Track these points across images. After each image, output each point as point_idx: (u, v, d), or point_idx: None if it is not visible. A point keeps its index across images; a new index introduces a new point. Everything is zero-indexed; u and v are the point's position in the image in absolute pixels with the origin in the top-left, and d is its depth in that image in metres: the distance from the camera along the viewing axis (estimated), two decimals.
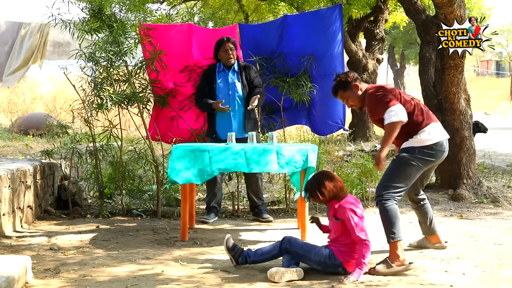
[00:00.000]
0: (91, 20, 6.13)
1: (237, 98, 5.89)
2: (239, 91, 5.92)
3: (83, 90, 6.24)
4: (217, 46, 5.94)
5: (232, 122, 5.86)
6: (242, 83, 5.93)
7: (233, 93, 5.89)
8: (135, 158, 6.33)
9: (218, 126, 5.89)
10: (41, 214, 6.10)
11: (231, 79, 5.93)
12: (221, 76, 5.94)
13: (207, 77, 5.97)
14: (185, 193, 5.25)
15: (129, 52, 6.02)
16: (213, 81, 5.91)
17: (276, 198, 7.06)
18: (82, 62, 6.24)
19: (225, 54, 5.88)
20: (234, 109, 5.87)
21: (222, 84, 5.91)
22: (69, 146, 6.37)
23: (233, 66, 5.95)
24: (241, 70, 5.99)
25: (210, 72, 5.97)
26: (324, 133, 7.14)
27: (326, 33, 6.36)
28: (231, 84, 5.91)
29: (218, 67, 5.97)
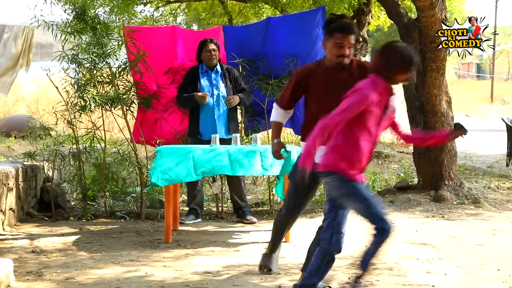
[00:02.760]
0: (74, 21, 6.10)
1: (221, 98, 5.91)
2: (223, 91, 5.93)
3: (66, 92, 6.20)
4: (200, 47, 5.96)
5: (216, 123, 5.86)
6: (226, 85, 5.95)
7: (217, 94, 5.91)
8: (119, 160, 6.30)
9: (202, 126, 5.89)
10: (23, 217, 6.05)
11: (215, 79, 5.94)
12: (205, 76, 5.96)
13: (190, 78, 5.97)
14: (169, 195, 5.24)
15: (112, 54, 6.00)
16: (197, 81, 5.91)
17: (260, 200, 7.07)
18: (65, 64, 6.21)
19: (208, 54, 5.89)
20: (219, 110, 5.89)
21: (205, 85, 5.93)
22: (52, 148, 6.32)
23: (215, 67, 5.97)
24: (224, 72, 6.01)
25: (193, 73, 5.98)
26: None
27: (310, 35, 6.38)
28: (215, 84, 5.93)
29: (201, 68, 5.98)
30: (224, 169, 5.15)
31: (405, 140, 3.68)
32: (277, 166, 5.18)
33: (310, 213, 6.36)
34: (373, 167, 9.60)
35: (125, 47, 6.14)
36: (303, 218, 6.12)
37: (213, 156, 5.14)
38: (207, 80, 5.94)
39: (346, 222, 3.51)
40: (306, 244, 5.08)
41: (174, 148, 5.24)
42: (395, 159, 10.58)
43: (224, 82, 5.97)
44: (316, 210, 6.51)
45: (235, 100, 5.88)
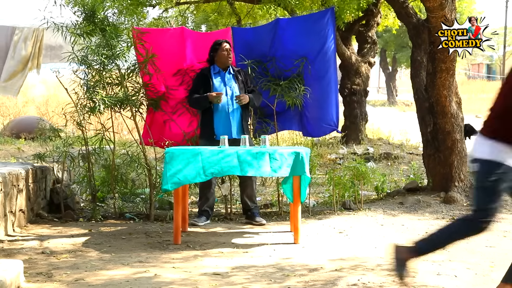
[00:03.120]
0: (83, 23, 6.13)
1: (234, 98, 5.91)
2: (236, 91, 5.94)
3: (76, 94, 6.23)
4: (214, 47, 5.95)
5: (231, 122, 5.87)
6: (238, 85, 5.96)
7: (231, 94, 5.91)
8: (128, 161, 6.32)
9: (217, 126, 5.88)
10: (33, 218, 6.07)
11: (228, 79, 5.95)
12: (217, 76, 5.97)
13: (201, 79, 5.96)
14: (178, 196, 5.25)
15: (121, 55, 6.01)
16: (210, 82, 5.91)
17: (268, 201, 7.06)
18: (74, 65, 6.23)
19: (225, 53, 5.92)
20: (233, 109, 5.89)
21: (218, 84, 5.93)
22: (62, 149, 6.35)
23: (229, 68, 5.97)
24: (236, 73, 6.01)
25: (204, 73, 5.97)
26: (318, 135, 7.16)
27: (319, 36, 6.38)
28: (228, 83, 5.94)
29: (213, 69, 5.99)
30: (233, 170, 5.16)
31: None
32: (286, 167, 5.18)
33: (319, 215, 6.35)
34: (382, 168, 9.57)
35: (134, 49, 6.16)
36: (311, 220, 6.11)
37: (222, 157, 5.14)
38: (220, 80, 5.95)
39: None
40: (315, 246, 5.08)
41: (182, 150, 5.25)
42: (404, 160, 10.54)
43: (237, 82, 5.98)
44: (325, 211, 6.50)
45: (246, 99, 5.89)
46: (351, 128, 12.47)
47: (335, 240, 5.29)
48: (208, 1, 11.92)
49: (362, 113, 12.59)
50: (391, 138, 13.42)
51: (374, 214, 6.35)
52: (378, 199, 7.17)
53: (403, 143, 12.40)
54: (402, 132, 13.29)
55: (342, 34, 12.00)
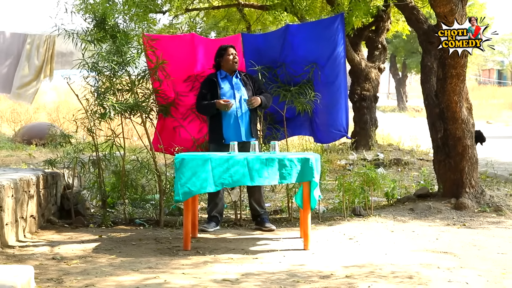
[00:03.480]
0: (94, 30, 6.17)
1: (244, 101, 5.92)
2: (245, 94, 5.95)
3: (86, 100, 6.26)
4: (219, 52, 5.97)
5: (240, 126, 5.88)
6: (247, 88, 5.98)
7: (240, 97, 5.92)
8: (138, 167, 6.34)
9: (226, 130, 5.89)
10: (44, 224, 6.10)
11: (236, 83, 5.97)
12: (225, 81, 5.98)
13: (209, 84, 5.97)
14: (188, 202, 5.26)
15: (132, 62, 6.04)
16: (217, 86, 5.93)
17: (278, 207, 7.05)
18: (85, 72, 6.26)
19: (231, 57, 5.93)
20: (241, 112, 5.89)
21: (227, 88, 5.94)
22: (72, 155, 6.38)
23: (235, 72, 5.99)
24: (243, 78, 6.03)
25: (212, 79, 5.99)
26: (327, 141, 7.16)
27: (328, 42, 6.39)
28: (236, 87, 5.95)
29: (220, 74, 6.01)
30: (243, 180, 5.16)
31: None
32: (296, 174, 5.18)
33: (328, 221, 6.33)
34: (393, 175, 9.53)
35: (144, 55, 6.19)
36: (321, 226, 6.10)
37: (232, 165, 5.15)
38: (228, 84, 5.96)
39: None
40: (325, 252, 5.07)
41: (192, 156, 5.26)
42: (414, 166, 10.50)
43: (244, 86, 6.00)
44: (335, 217, 6.48)
45: (257, 101, 5.88)
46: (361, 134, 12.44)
47: (346, 247, 5.27)
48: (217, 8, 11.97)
49: (372, 119, 12.56)
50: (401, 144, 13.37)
51: (385, 220, 6.32)
52: (388, 205, 7.14)
53: (413, 149, 12.35)
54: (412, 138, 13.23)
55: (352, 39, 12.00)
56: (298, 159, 5.19)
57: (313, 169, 5.16)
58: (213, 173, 5.15)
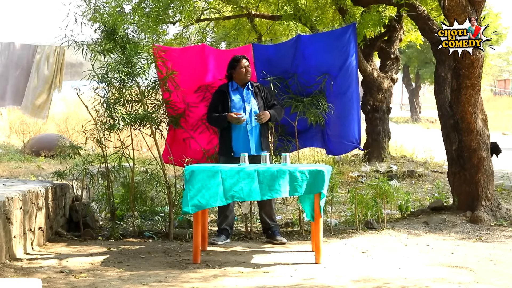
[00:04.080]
0: (104, 41, 6.21)
1: (254, 114, 5.93)
2: (255, 107, 5.96)
3: (96, 111, 6.29)
4: (232, 64, 5.99)
5: (249, 139, 5.88)
6: (257, 101, 5.98)
7: (250, 110, 5.93)
8: (147, 179, 6.35)
9: (235, 143, 5.90)
10: (52, 236, 6.12)
11: (246, 95, 5.98)
12: (236, 93, 5.99)
13: (220, 95, 6.00)
14: (197, 214, 5.25)
15: (141, 72, 6.07)
16: (228, 98, 5.94)
17: (289, 220, 7.03)
18: (94, 83, 6.30)
19: (243, 70, 5.94)
20: (251, 125, 5.91)
21: (237, 100, 5.95)
22: (81, 167, 6.41)
23: (247, 84, 6.00)
24: (254, 89, 6.04)
25: (223, 90, 6.01)
26: (340, 152, 7.15)
27: (341, 52, 6.41)
28: (247, 100, 5.96)
29: (231, 85, 6.02)
30: (253, 195, 5.16)
31: None
32: (307, 186, 5.16)
33: (341, 234, 6.30)
34: (406, 187, 9.48)
35: (154, 66, 6.22)
36: (333, 239, 6.07)
37: (242, 178, 5.15)
38: (239, 96, 5.98)
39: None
40: (337, 266, 5.04)
41: (202, 167, 5.26)
42: (428, 178, 10.44)
43: (255, 98, 6.00)
44: (347, 230, 6.45)
45: (266, 116, 5.90)
46: (374, 145, 12.41)
47: (358, 260, 5.24)
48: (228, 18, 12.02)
49: (385, 130, 12.53)
50: (415, 156, 13.31)
51: (398, 233, 6.28)
52: (402, 218, 7.10)
53: (427, 161, 12.29)
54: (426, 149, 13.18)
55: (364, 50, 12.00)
56: (309, 171, 5.18)
57: (324, 181, 5.15)
58: (223, 185, 5.15)
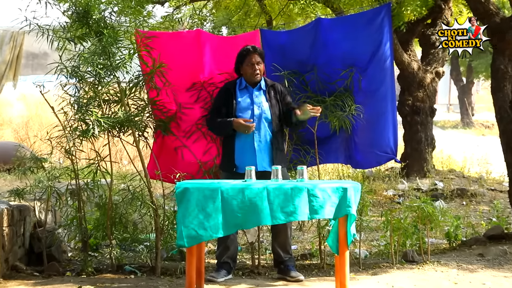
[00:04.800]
0: (75, 25, 6.25)
1: (264, 120, 5.92)
2: (267, 112, 5.95)
3: (64, 113, 6.33)
4: (239, 58, 6.02)
5: (256, 151, 5.88)
6: (271, 104, 5.98)
7: (259, 115, 5.92)
8: (129, 199, 6.37)
9: (238, 156, 5.90)
10: (7, 272, 6.14)
11: (256, 96, 5.98)
12: (244, 93, 6.00)
13: (224, 95, 6.01)
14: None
15: (122, 65, 6.10)
16: (233, 99, 5.96)
17: (307, 251, 7.04)
18: (63, 78, 6.34)
19: (250, 68, 5.94)
20: (259, 135, 5.89)
21: (244, 103, 5.95)
22: (45, 184, 6.43)
23: (259, 83, 6.02)
24: (268, 89, 6.04)
25: (228, 88, 6.03)
26: (370, 165, 7.16)
27: (371, 40, 6.44)
28: (257, 102, 5.95)
29: (240, 83, 6.04)
30: (262, 219, 5.16)
31: None
32: (330, 207, 5.18)
33: (372, 269, 6.30)
34: (455, 209, 9.48)
35: (137, 57, 6.26)
36: (363, 275, 6.07)
37: (248, 197, 5.16)
38: (247, 97, 5.98)
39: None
40: None
41: (198, 184, 5.28)
42: (484, 198, 10.43)
43: (268, 100, 5.99)
44: (380, 264, 6.45)
45: (318, 109, 5.80)
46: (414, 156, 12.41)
47: None
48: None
49: (428, 138, 12.54)
50: (466, 170, 13.30)
51: (446, 269, 6.28)
52: (450, 249, 7.09)
53: (482, 177, 12.28)
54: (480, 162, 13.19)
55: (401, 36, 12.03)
56: (333, 189, 5.20)
57: (351, 201, 5.16)
58: (225, 209, 5.14)
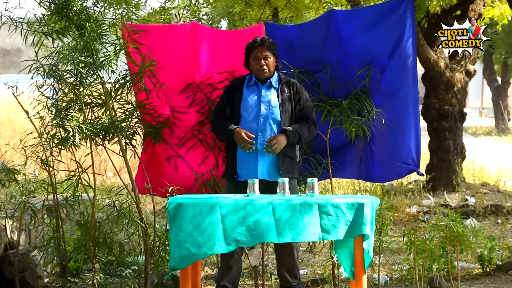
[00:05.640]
0: (52, 18, 6.26)
1: (271, 122, 5.85)
2: (276, 113, 5.90)
3: (40, 119, 6.33)
4: (246, 51, 5.98)
5: (258, 159, 5.85)
6: (282, 103, 5.92)
7: (267, 115, 5.86)
8: (114, 216, 6.37)
9: (241, 163, 5.88)
10: None
11: (266, 95, 5.92)
12: (252, 91, 5.94)
13: (230, 92, 5.97)
14: (186, 267, 5.27)
15: (107, 63, 6.09)
16: (238, 96, 5.92)
17: (318, 276, 7.04)
18: (39, 78, 6.34)
19: (256, 63, 5.89)
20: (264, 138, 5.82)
21: (251, 101, 5.89)
22: (18, 199, 6.43)
23: (269, 80, 5.99)
24: (282, 87, 5.97)
25: (234, 85, 5.99)
26: (389, 178, 7.15)
27: (391, 34, 6.46)
28: (265, 101, 5.89)
29: (249, 79, 6.00)
30: (267, 236, 5.15)
31: None
32: (344, 226, 5.17)
33: None
34: (489, 229, 9.47)
35: (124, 54, 6.27)
36: None
37: (250, 213, 5.16)
38: (255, 94, 5.92)
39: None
40: None
41: (193, 199, 5.28)
42: None
43: (280, 102, 5.92)
44: None
45: (279, 144, 5.77)
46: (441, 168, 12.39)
47: None
48: None
49: (457, 146, 12.52)
50: (502, 183, 13.27)
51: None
52: (483, 274, 7.08)
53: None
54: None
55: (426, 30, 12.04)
56: (347, 205, 5.19)
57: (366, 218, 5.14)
58: (223, 224, 5.15)
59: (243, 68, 6.08)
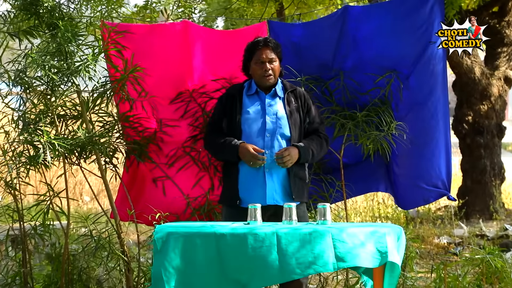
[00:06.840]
0: (20, 16, 6.30)
1: (279, 137, 5.73)
2: (284, 127, 5.79)
3: (5, 134, 6.36)
4: (247, 54, 5.86)
5: (267, 181, 5.78)
6: (290, 118, 5.79)
7: (274, 130, 5.75)
8: (92, 248, 6.39)
9: (243, 186, 5.77)
10: None
11: (270, 106, 5.80)
12: (254, 101, 5.82)
13: (227, 102, 5.83)
14: None
15: (83, 69, 6.10)
16: (238, 107, 5.80)
17: None
18: (3, 86, 6.38)
19: (260, 68, 5.76)
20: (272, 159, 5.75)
21: (254, 113, 5.78)
22: None
23: (274, 88, 5.89)
24: (288, 97, 5.87)
25: (232, 94, 5.86)
26: (415, 203, 7.14)
27: (416, 35, 6.48)
28: (271, 114, 5.77)
29: (248, 87, 5.89)
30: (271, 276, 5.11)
31: None
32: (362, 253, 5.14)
33: None
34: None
35: (104, 58, 6.30)
36: None
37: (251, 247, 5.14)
38: (257, 105, 5.81)
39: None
40: None
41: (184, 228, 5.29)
42: None
43: (288, 113, 5.81)
44: None
45: (292, 157, 5.66)
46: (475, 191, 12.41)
47: None
48: None
49: (495, 166, 12.53)
50: None
51: None
52: None
53: None
54: None
55: None
56: (366, 234, 5.20)
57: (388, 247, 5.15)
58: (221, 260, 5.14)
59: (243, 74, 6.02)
